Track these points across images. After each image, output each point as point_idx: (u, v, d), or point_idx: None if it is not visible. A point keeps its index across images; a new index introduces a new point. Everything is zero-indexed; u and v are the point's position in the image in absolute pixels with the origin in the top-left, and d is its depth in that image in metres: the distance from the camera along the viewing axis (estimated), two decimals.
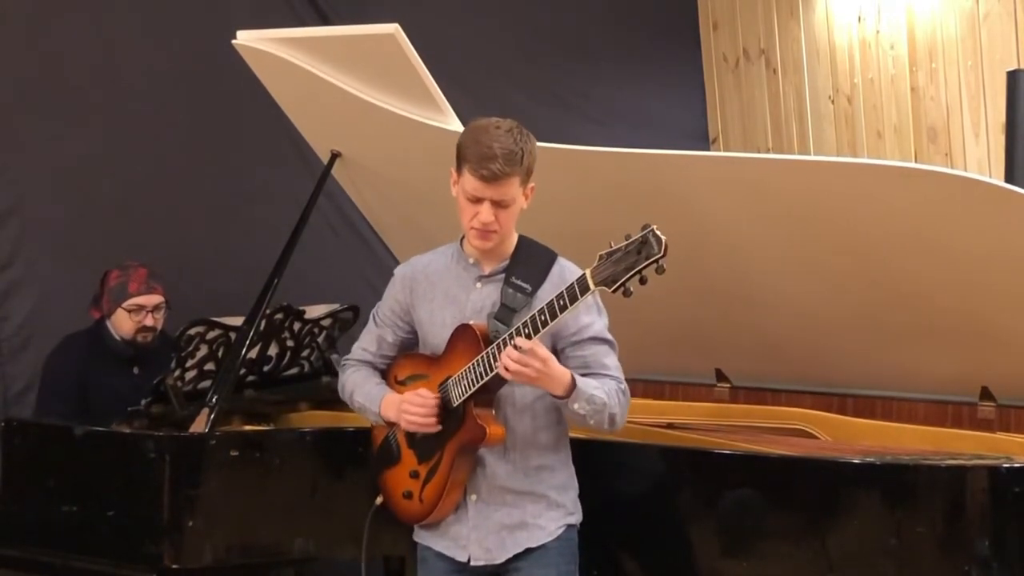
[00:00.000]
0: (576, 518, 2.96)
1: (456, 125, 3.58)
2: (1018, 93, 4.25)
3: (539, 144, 2.90)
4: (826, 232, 3.35)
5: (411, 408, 2.87)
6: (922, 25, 5.24)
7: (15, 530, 3.60)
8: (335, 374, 4.22)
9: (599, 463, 3.04)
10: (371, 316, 3.09)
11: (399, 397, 2.93)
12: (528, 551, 2.88)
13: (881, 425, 3.56)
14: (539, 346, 2.67)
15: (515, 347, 2.65)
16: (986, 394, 3.45)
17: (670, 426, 3.72)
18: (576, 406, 2.75)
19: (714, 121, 6.25)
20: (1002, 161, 4.50)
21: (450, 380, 2.85)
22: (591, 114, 5.73)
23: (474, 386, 2.78)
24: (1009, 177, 4.21)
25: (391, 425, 2.99)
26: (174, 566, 3.37)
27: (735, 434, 3.59)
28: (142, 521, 3.41)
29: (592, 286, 2.61)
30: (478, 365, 2.77)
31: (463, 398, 2.81)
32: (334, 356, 4.21)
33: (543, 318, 2.66)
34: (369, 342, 3.08)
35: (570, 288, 2.64)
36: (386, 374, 3.06)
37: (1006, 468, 2.91)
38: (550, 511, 2.90)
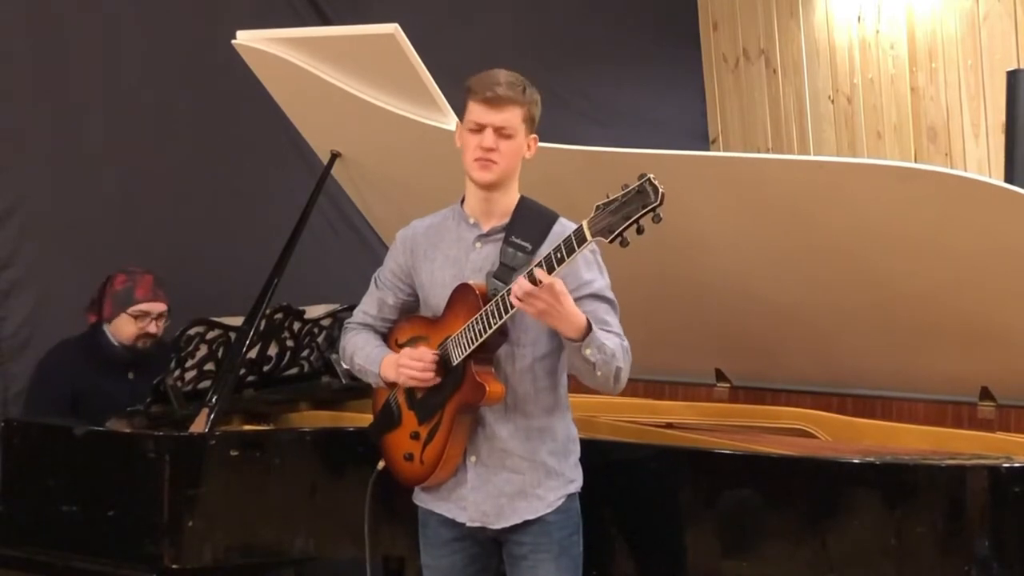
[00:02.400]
0: (576, 485, 2.94)
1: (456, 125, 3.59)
2: (1018, 93, 4.25)
3: (540, 144, 2.90)
4: (826, 232, 3.34)
5: (408, 363, 2.86)
6: (922, 25, 5.25)
7: (15, 530, 3.60)
8: (335, 374, 4.25)
9: (599, 463, 3.03)
10: (372, 279, 3.07)
11: (397, 356, 2.92)
12: (527, 523, 2.87)
13: (881, 425, 3.56)
14: (556, 281, 2.63)
15: (533, 282, 2.60)
16: (986, 394, 3.46)
17: (670, 426, 3.72)
18: (589, 352, 2.70)
19: (714, 121, 6.25)
20: (1002, 161, 4.50)
21: (449, 340, 2.83)
22: (591, 114, 5.72)
23: (473, 344, 2.77)
24: (1009, 177, 4.21)
25: (391, 387, 2.98)
26: (174, 566, 3.37)
27: (735, 434, 3.59)
28: (142, 521, 3.41)
29: (589, 236, 2.57)
30: (477, 323, 2.75)
31: (463, 357, 2.80)
32: (334, 356, 4.22)
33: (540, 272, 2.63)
34: (370, 305, 3.06)
35: (567, 240, 2.60)
36: (387, 338, 3.04)
37: (1006, 468, 2.91)
38: (549, 480, 2.89)
